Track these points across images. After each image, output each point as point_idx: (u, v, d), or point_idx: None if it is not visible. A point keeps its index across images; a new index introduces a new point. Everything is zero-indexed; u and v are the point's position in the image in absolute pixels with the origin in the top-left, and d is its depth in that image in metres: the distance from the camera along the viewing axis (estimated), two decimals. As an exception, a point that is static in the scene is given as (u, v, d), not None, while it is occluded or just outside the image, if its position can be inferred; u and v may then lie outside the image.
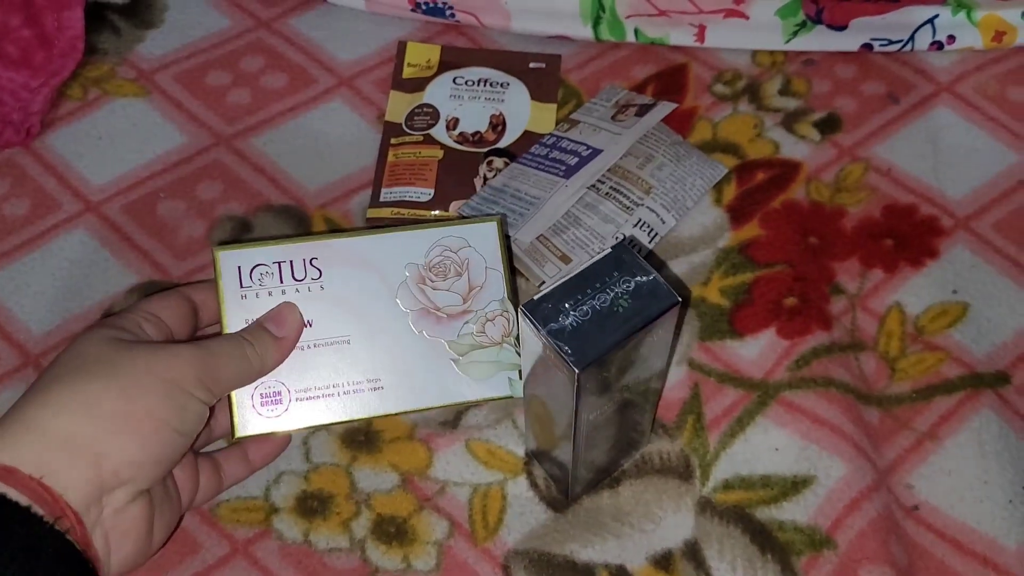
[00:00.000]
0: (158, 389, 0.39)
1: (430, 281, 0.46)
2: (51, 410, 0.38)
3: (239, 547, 0.47)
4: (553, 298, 0.38)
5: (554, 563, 0.46)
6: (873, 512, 0.46)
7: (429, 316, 0.45)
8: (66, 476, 0.36)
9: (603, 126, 0.59)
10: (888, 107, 0.62)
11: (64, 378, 0.39)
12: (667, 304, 0.37)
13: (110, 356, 0.40)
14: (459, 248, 0.46)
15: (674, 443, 0.49)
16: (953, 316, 0.53)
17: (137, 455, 0.38)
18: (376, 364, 0.44)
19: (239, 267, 0.45)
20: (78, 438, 0.37)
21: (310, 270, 0.45)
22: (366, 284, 0.45)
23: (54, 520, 0.35)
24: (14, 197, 0.59)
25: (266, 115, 0.62)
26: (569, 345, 0.36)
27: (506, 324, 0.46)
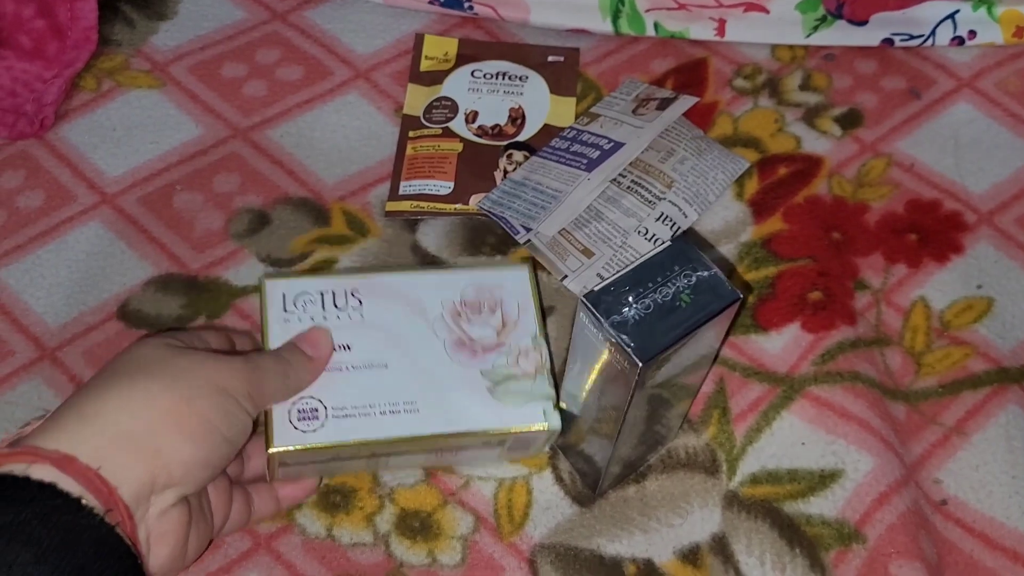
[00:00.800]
0: (211, 395, 0.40)
1: (465, 316, 0.47)
2: (111, 404, 0.38)
3: (262, 542, 0.47)
4: (614, 290, 0.37)
5: (581, 557, 0.46)
6: (903, 506, 0.46)
7: (464, 347, 0.46)
8: (122, 469, 0.37)
9: (624, 120, 0.59)
10: (909, 102, 0.62)
11: (123, 375, 0.40)
12: (729, 300, 0.37)
13: (167, 358, 0.41)
14: (493, 288, 0.48)
15: (700, 437, 0.49)
16: (979, 311, 0.53)
17: (190, 455, 0.39)
18: (412, 388, 0.45)
19: (283, 294, 0.46)
20: (136, 433, 0.38)
21: (351, 300, 0.47)
22: (404, 315, 0.47)
23: (104, 512, 0.35)
24: (28, 189, 0.58)
25: (282, 107, 0.62)
26: (632, 338, 0.36)
27: (539, 359, 0.46)
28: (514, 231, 0.55)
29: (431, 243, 0.56)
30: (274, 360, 0.43)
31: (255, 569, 0.46)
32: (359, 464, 0.46)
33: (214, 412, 0.39)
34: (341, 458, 0.44)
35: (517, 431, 0.45)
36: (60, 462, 0.35)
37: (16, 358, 0.52)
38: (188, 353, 0.41)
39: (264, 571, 0.46)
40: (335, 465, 0.45)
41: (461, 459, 0.47)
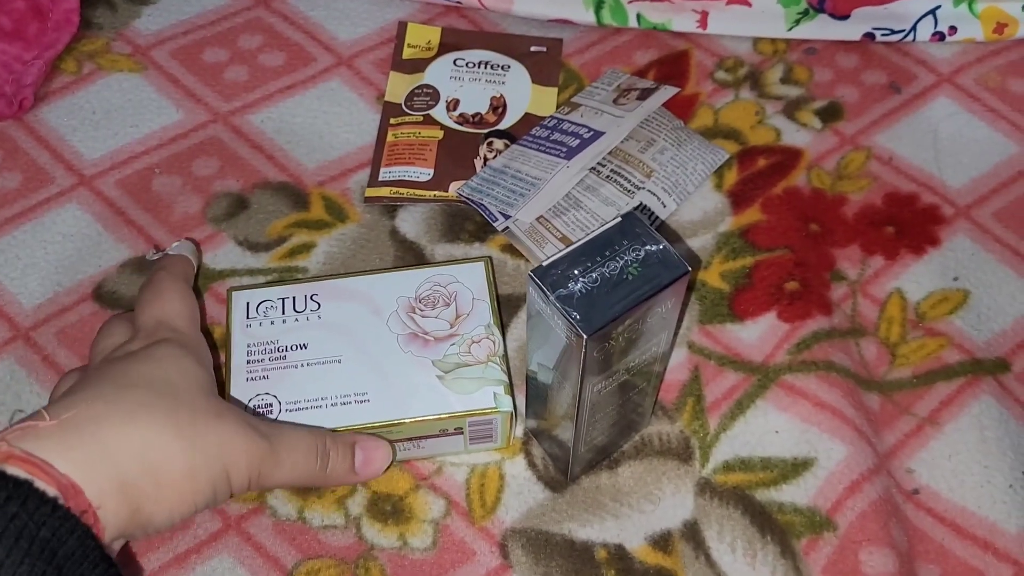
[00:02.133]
0: (215, 476, 0.39)
1: (419, 311, 0.48)
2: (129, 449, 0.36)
3: (232, 523, 0.46)
4: (562, 265, 0.37)
5: (552, 542, 0.46)
6: (874, 494, 0.46)
7: (417, 339, 0.47)
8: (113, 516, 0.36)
9: (605, 109, 0.59)
10: (889, 96, 0.62)
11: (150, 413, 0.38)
12: (677, 273, 0.37)
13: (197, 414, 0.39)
14: (448, 283, 0.49)
15: (674, 425, 0.49)
16: (954, 303, 0.53)
17: (159, 521, 0.38)
18: (364, 380, 0.46)
19: (247, 303, 0.49)
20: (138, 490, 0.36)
21: (310, 304, 0.49)
22: (359, 314, 0.48)
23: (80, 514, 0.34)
24: (6, 170, 0.58)
25: (264, 93, 0.62)
26: (578, 311, 0.36)
27: (491, 346, 0.47)
28: (492, 218, 0.55)
29: (410, 229, 0.56)
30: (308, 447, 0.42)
31: (225, 550, 0.46)
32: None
33: (206, 493, 0.38)
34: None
35: (466, 415, 0.45)
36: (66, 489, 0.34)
37: (-11, 337, 0.52)
38: (219, 416, 0.40)
39: (234, 552, 0.45)
40: None
41: (426, 450, 0.47)
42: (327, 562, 0.45)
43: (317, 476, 0.43)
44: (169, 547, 0.45)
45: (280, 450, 0.41)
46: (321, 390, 0.46)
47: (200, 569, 0.45)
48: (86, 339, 0.51)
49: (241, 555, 0.45)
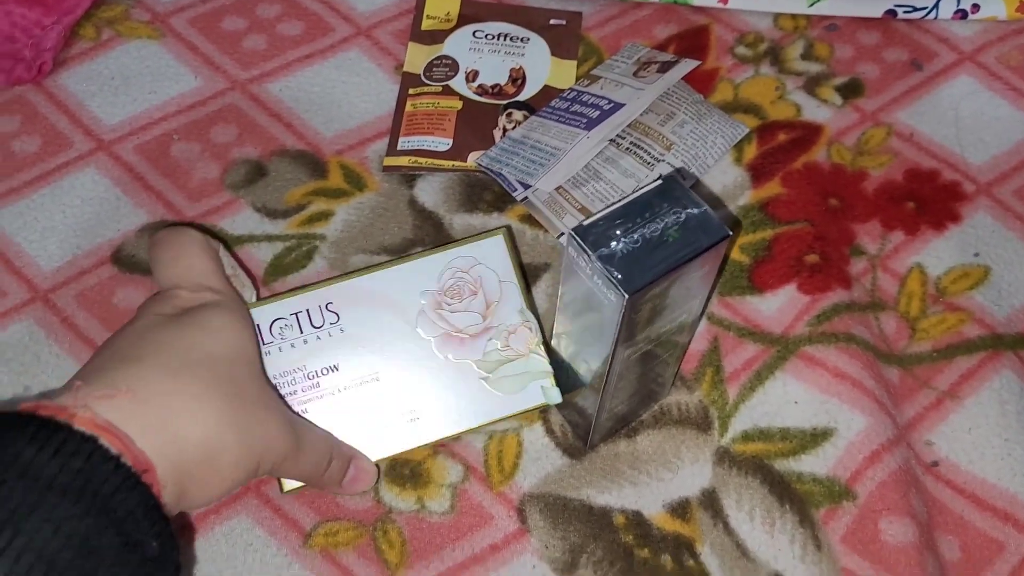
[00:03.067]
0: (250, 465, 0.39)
1: (447, 305, 0.46)
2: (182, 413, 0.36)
3: (250, 485, 0.46)
4: (602, 224, 0.37)
5: (570, 507, 0.46)
6: (894, 465, 0.46)
7: (452, 340, 0.45)
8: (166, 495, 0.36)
9: (625, 81, 0.59)
10: (911, 74, 0.62)
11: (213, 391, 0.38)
12: (718, 237, 0.37)
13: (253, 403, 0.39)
14: (470, 267, 0.46)
15: (692, 395, 0.49)
16: (975, 279, 0.53)
17: (203, 502, 0.38)
18: (409, 396, 0.44)
19: (258, 324, 0.45)
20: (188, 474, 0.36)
21: (327, 315, 0.45)
22: (384, 319, 0.45)
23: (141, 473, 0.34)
24: (25, 134, 0.58)
25: (282, 62, 0.61)
26: (619, 270, 0.36)
27: (529, 334, 0.46)
28: (511, 188, 0.55)
29: (428, 199, 0.56)
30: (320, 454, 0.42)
31: (244, 511, 0.46)
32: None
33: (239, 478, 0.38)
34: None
35: (518, 414, 0.45)
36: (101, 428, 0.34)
37: (8, 299, 0.51)
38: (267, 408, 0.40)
39: (252, 513, 0.45)
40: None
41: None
42: (345, 524, 0.45)
43: (314, 477, 0.43)
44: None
45: (303, 450, 0.41)
46: (368, 416, 0.44)
47: (219, 529, 0.45)
48: (104, 302, 0.51)
49: (260, 516, 0.45)
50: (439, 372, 0.45)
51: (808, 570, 0.44)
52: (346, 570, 0.44)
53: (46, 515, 0.30)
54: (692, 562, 0.44)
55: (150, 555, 0.33)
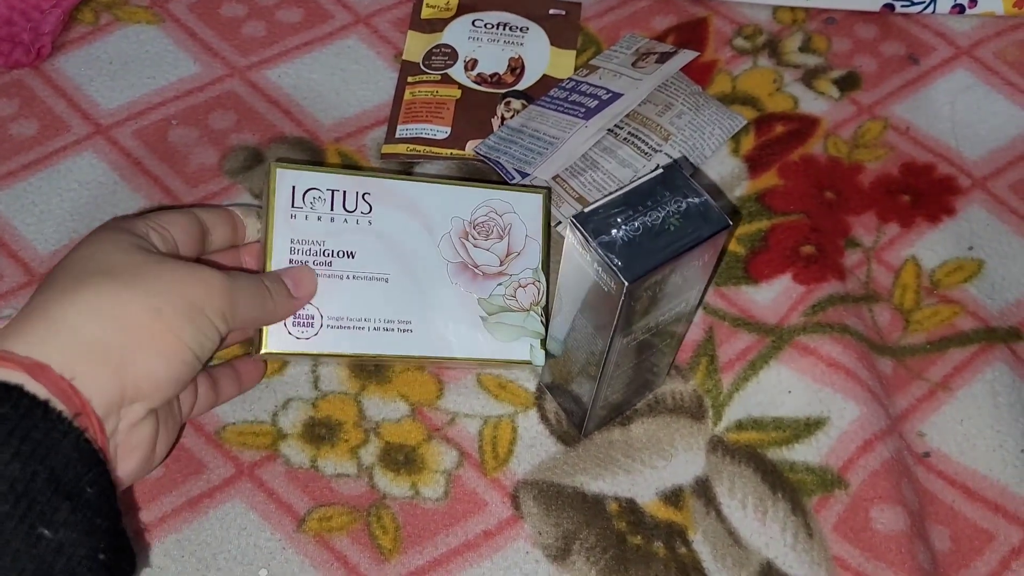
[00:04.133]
0: (184, 310, 0.38)
1: (472, 238, 0.47)
2: (81, 313, 0.36)
3: (245, 469, 0.46)
4: (603, 212, 0.37)
5: (563, 494, 0.46)
6: (886, 454, 0.46)
7: (466, 271, 0.46)
8: (92, 381, 0.35)
9: (623, 72, 0.59)
10: (908, 68, 0.62)
11: (91, 280, 0.38)
12: (718, 227, 0.37)
13: (139, 266, 0.39)
14: (504, 212, 0.47)
15: (687, 384, 0.49)
16: (969, 272, 0.53)
17: (159, 373, 0.38)
18: (409, 307, 0.45)
19: (293, 186, 0.44)
20: (107, 345, 0.36)
21: (361, 204, 0.45)
22: (412, 228, 0.46)
23: (73, 417, 0.34)
24: (23, 118, 0.58)
25: (281, 49, 0.61)
26: (619, 257, 0.36)
27: (536, 293, 0.47)
28: (509, 176, 0.55)
29: (425, 186, 0.56)
30: (255, 285, 0.42)
31: (238, 495, 0.46)
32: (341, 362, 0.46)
33: (186, 329, 0.38)
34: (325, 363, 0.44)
35: (503, 362, 0.45)
36: (32, 369, 0.34)
37: (4, 282, 0.52)
38: (161, 261, 0.39)
39: (246, 498, 0.46)
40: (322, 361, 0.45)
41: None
42: (339, 509, 0.45)
43: (268, 311, 0.42)
44: (182, 491, 0.46)
45: (240, 288, 0.40)
46: (365, 310, 0.44)
47: (213, 513, 0.45)
48: (101, 285, 0.51)
49: (254, 501, 0.46)
50: (444, 295, 0.45)
51: (799, 558, 0.44)
52: (339, 555, 0.44)
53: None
54: (684, 549, 0.44)
55: (85, 501, 0.33)
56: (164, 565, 0.43)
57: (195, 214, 0.45)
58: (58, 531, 0.31)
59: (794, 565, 0.44)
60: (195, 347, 0.39)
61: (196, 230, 0.45)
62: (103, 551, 0.33)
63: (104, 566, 0.33)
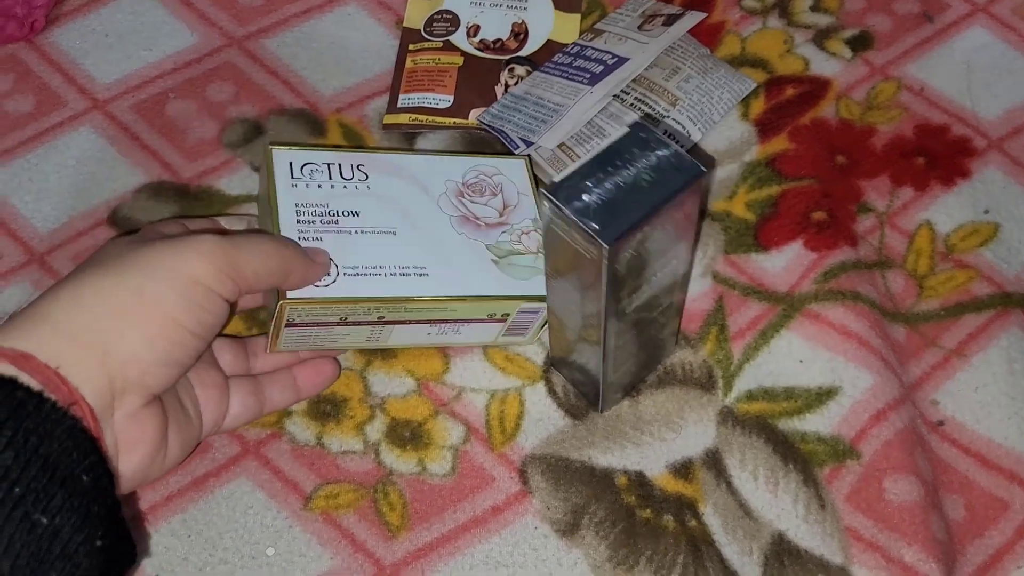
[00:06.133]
0: (173, 284, 0.37)
1: (468, 196, 0.47)
2: (62, 304, 0.36)
3: (250, 448, 0.46)
4: (574, 179, 0.36)
5: (572, 468, 0.45)
6: (899, 424, 0.45)
7: (469, 223, 0.47)
8: (78, 369, 0.35)
9: (629, 35, 0.57)
10: (922, 26, 0.60)
11: (79, 275, 0.37)
12: (692, 174, 0.36)
13: (124, 252, 0.38)
14: (493, 174, 0.49)
15: (697, 354, 0.48)
16: (984, 236, 0.52)
17: (143, 353, 0.36)
18: (420, 254, 0.45)
19: (290, 163, 0.45)
20: (86, 332, 0.35)
21: (357, 173, 0.46)
22: (409, 190, 0.47)
23: (67, 406, 0.34)
24: (18, 93, 0.57)
25: (279, 17, 0.60)
26: (595, 221, 0.35)
27: (539, 239, 0.47)
28: (513, 145, 0.54)
29: (428, 157, 0.55)
30: (259, 237, 0.40)
31: (243, 473, 0.45)
32: (361, 335, 0.45)
33: (175, 304, 0.37)
34: (348, 323, 0.43)
35: (521, 299, 0.45)
36: (17, 359, 0.33)
37: (4, 262, 0.51)
38: (149, 243, 0.38)
39: (252, 475, 0.45)
40: (339, 333, 0.44)
41: (461, 336, 0.47)
42: (346, 487, 0.45)
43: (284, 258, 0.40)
44: (187, 470, 0.45)
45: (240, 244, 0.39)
46: (379, 258, 0.44)
47: (219, 492, 0.45)
48: (102, 263, 0.51)
49: (260, 479, 0.45)
50: (452, 244, 0.46)
51: (811, 529, 0.44)
52: (347, 532, 0.44)
53: None
54: (695, 522, 0.44)
55: (81, 489, 0.32)
56: (171, 545, 0.43)
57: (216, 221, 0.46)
58: (54, 517, 0.31)
59: (806, 537, 0.43)
60: (188, 322, 0.37)
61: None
62: (101, 538, 0.33)
63: (102, 552, 0.33)
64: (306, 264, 0.41)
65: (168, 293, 0.37)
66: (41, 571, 0.30)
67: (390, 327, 0.45)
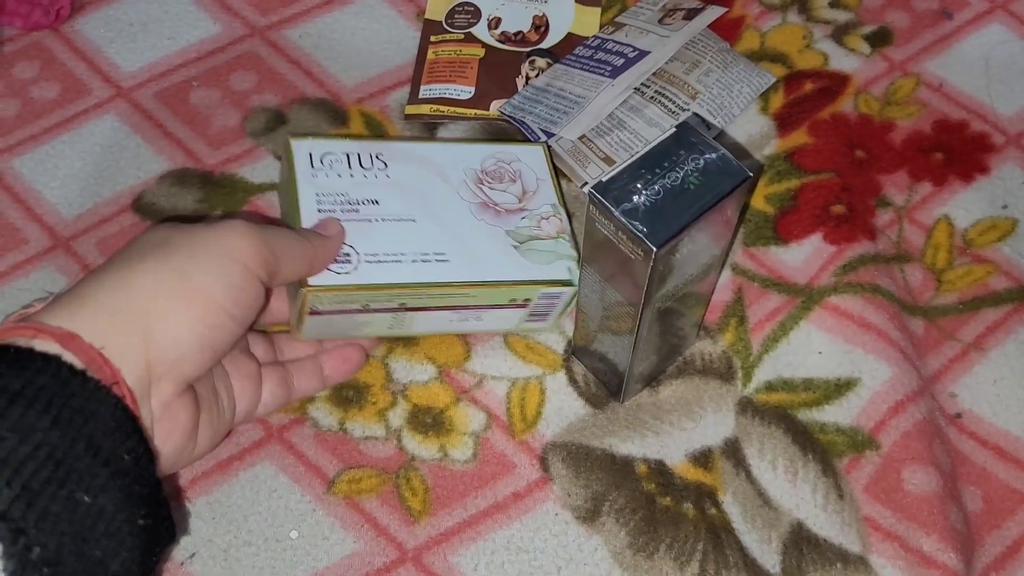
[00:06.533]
0: (215, 266, 0.37)
1: (487, 183, 0.48)
2: (106, 286, 0.36)
3: (274, 433, 0.47)
4: (622, 179, 0.37)
5: (592, 456, 0.46)
6: (918, 415, 0.46)
7: (488, 209, 0.47)
8: (120, 351, 0.35)
9: (650, 29, 0.58)
10: (941, 22, 0.60)
11: (123, 257, 0.38)
12: (739, 179, 0.36)
13: (169, 236, 0.38)
14: (511, 161, 0.49)
15: (716, 345, 0.49)
16: (1002, 231, 0.53)
17: (184, 335, 0.36)
18: (440, 241, 0.45)
19: (310, 153, 0.46)
20: (129, 313, 0.35)
21: (376, 162, 0.47)
22: (427, 179, 0.47)
23: (110, 386, 0.34)
24: (43, 80, 0.57)
25: (301, 8, 0.61)
26: (644, 224, 0.35)
27: (560, 223, 0.47)
28: (534, 137, 0.54)
29: (449, 147, 0.55)
30: (289, 231, 0.41)
31: (267, 458, 0.46)
32: (384, 323, 0.45)
33: (216, 286, 0.37)
34: (369, 310, 0.44)
35: (542, 283, 0.45)
36: (63, 338, 0.34)
37: (30, 246, 0.52)
38: (193, 227, 0.38)
39: (276, 460, 0.46)
40: (361, 321, 0.45)
41: (483, 322, 0.47)
42: (368, 472, 0.46)
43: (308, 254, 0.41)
44: (212, 454, 0.46)
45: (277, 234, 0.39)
46: (399, 246, 0.44)
47: (243, 475, 0.45)
48: (127, 249, 0.51)
49: (283, 463, 0.46)
50: (473, 230, 0.46)
51: (830, 518, 0.44)
52: (369, 516, 0.44)
53: (11, 425, 0.30)
54: (714, 510, 0.44)
55: (123, 468, 0.33)
56: (196, 527, 0.44)
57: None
58: (97, 496, 0.31)
59: (825, 526, 0.44)
60: (229, 304, 0.37)
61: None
62: (143, 517, 0.33)
63: (144, 531, 0.33)
64: (326, 248, 0.42)
65: (211, 276, 0.37)
66: (85, 549, 0.30)
67: (412, 314, 0.45)
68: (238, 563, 0.43)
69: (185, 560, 0.43)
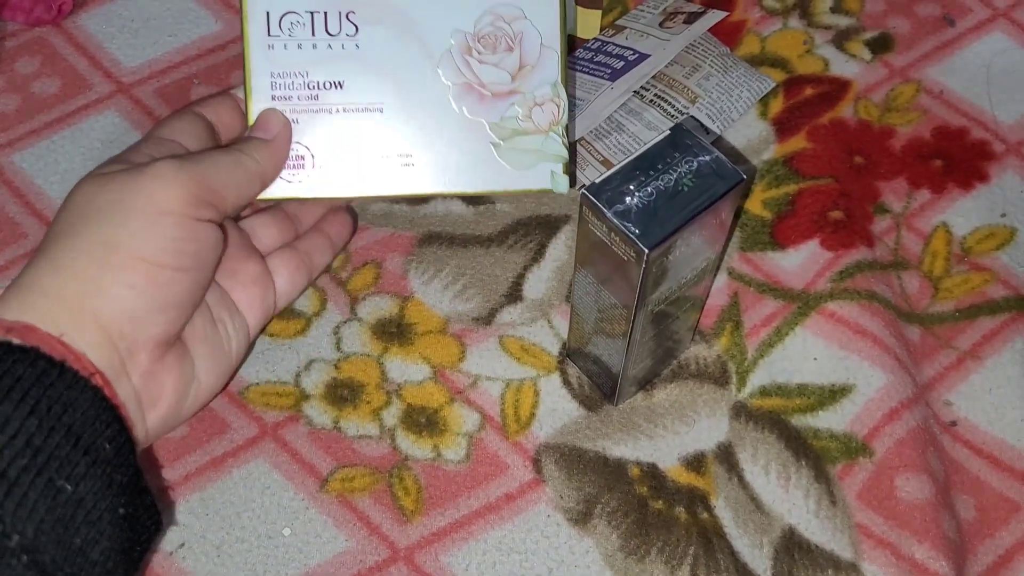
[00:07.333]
0: (143, 225, 0.35)
1: (477, 53, 0.41)
2: (43, 269, 0.35)
3: (268, 430, 0.47)
4: (615, 181, 0.37)
5: (585, 458, 0.46)
6: (912, 422, 0.46)
7: (472, 92, 0.41)
8: (79, 335, 0.34)
9: (651, 32, 0.58)
10: (942, 29, 0.60)
11: (52, 235, 0.36)
12: (733, 182, 0.36)
13: (95, 199, 0.36)
14: (513, 19, 0.42)
15: (711, 349, 0.49)
16: (1001, 239, 0.52)
17: (132, 304, 0.35)
18: (409, 138, 0.40)
19: (267, 12, 0.40)
20: (71, 298, 0.34)
21: (346, 25, 0.40)
22: (406, 49, 0.41)
23: (88, 376, 0.34)
24: (45, 75, 0.57)
25: (303, 7, 0.61)
26: (636, 225, 0.35)
27: (555, 111, 0.42)
28: (533, 138, 0.54)
29: (448, 148, 0.55)
30: (221, 152, 0.38)
31: (261, 455, 0.46)
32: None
33: (145, 245, 0.35)
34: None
35: (519, 192, 0.41)
36: (22, 332, 0.33)
37: (29, 241, 0.52)
38: (120, 180, 0.36)
39: (270, 457, 0.46)
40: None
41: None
42: (361, 470, 0.46)
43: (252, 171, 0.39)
44: (206, 450, 0.46)
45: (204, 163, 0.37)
46: (359, 145, 0.39)
47: (236, 473, 0.45)
48: (125, 245, 0.51)
49: (277, 460, 0.46)
50: (448, 123, 0.41)
51: (822, 524, 0.44)
52: (362, 515, 0.45)
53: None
54: (706, 515, 0.44)
55: (104, 457, 0.33)
56: (188, 523, 0.44)
57: (195, 111, 0.42)
58: (77, 484, 0.31)
59: (817, 532, 0.44)
60: (168, 259, 0.35)
61: (201, 128, 0.41)
62: (124, 506, 0.33)
63: (125, 520, 0.33)
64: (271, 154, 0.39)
65: (138, 235, 0.35)
66: (65, 537, 0.30)
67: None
68: (231, 559, 0.43)
69: (174, 550, 0.43)
